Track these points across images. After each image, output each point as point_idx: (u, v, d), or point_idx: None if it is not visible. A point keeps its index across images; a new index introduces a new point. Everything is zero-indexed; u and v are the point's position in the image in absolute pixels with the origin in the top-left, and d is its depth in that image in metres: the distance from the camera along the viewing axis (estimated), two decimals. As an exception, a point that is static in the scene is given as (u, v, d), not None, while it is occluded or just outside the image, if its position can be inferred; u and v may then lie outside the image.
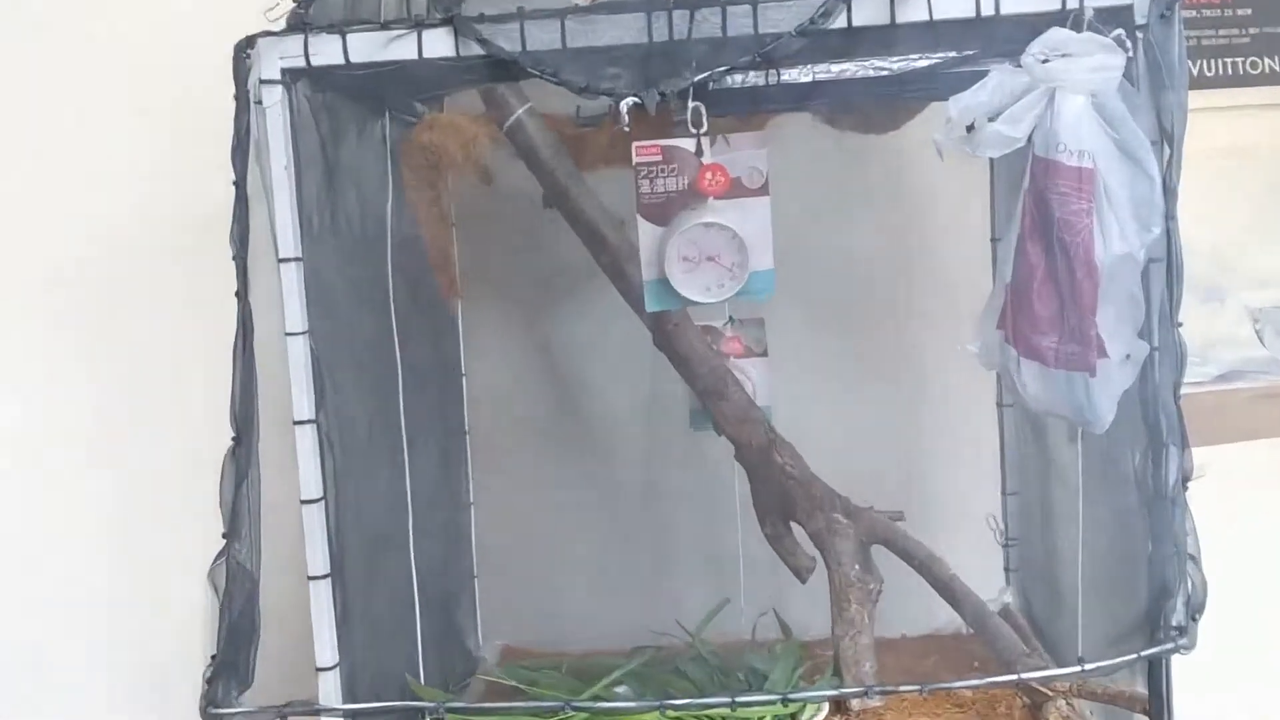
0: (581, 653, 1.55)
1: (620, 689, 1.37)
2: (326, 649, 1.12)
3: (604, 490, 1.70)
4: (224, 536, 1.11)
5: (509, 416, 1.69)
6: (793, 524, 1.45)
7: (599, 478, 1.70)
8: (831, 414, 1.65)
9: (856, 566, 1.37)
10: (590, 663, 1.47)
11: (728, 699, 1.12)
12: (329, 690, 1.12)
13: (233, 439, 1.11)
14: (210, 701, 1.07)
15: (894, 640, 1.55)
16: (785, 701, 1.13)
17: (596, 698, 1.31)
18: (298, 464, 1.11)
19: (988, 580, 1.57)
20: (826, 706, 1.29)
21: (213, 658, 1.09)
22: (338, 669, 1.13)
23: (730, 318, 1.44)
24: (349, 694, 1.15)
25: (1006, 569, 1.64)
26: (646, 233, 1.18)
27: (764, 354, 1.43)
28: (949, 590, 1.37)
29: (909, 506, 1.42)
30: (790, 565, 1.45)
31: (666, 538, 1.71)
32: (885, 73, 1.21)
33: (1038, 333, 1.12)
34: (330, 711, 1.10)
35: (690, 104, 1.06)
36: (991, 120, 1.06)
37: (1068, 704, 1.31)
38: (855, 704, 1.32)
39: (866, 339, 1.69)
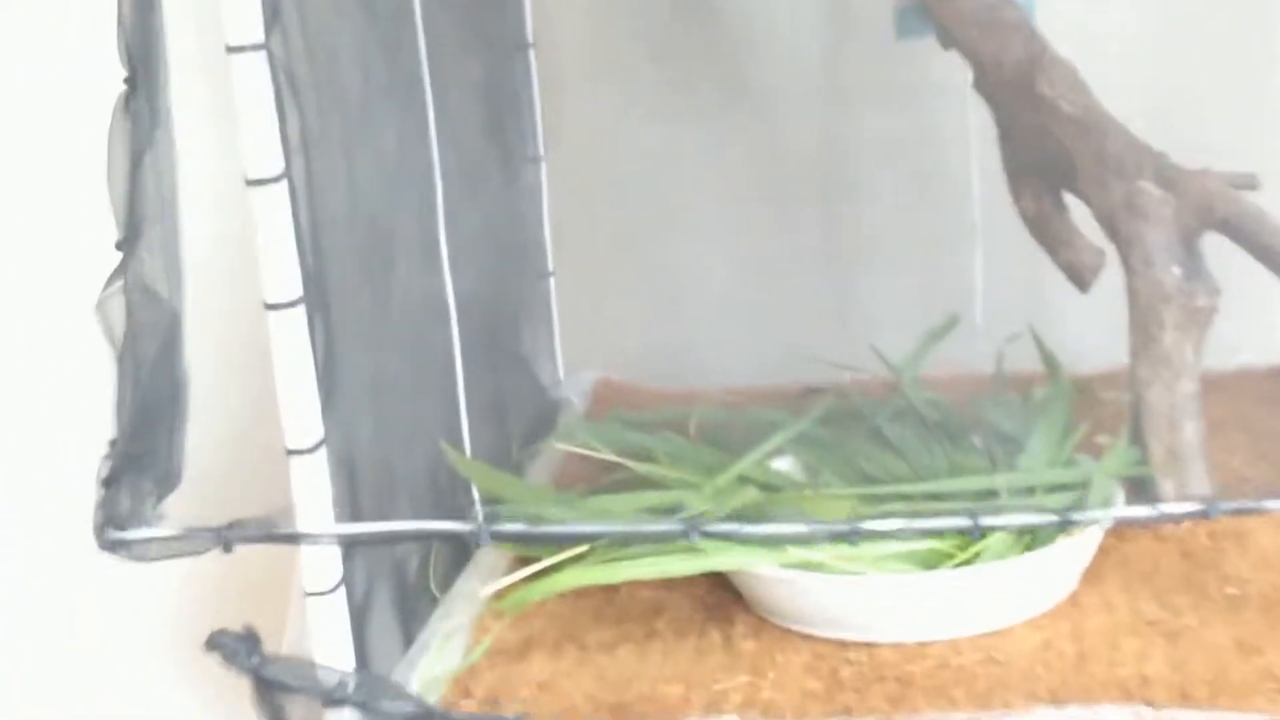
0: (716, 394, 1.56)
1: (780, 464, 1.35)
2: (301, 417, 1.03)
3: (751, 139, 1.70)
4: (118, 246, 1.03)
5: (596, 18, 1.71)
6: (1069, 197, 1.42)
7: (743, 120, 1.69)
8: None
9: (1176, 268, 1.30)
10: (731, 415, 1.46)
11: (967, 519, 1.01)
12: (308, 492, 1.04)
13: (125, 81, 1.02)
14: (109, 519, 1.00)
15: (1230, 378, 1.54)
16: (1066, 525, 1.07)
17: (743, 480, 1.26)
18: (238, 116, 1.00)
19: None
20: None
21: (110, 445, 1.03)
22: (323, 449, 1.05)
23: None
24: (344, 490, 1.08)
25: None
26: None
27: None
28: (1334, 303, 1.28)
29: (1273, 166, 1.33)
30: (1063, 263, 1.43)
31: (855, 215, 1.72)
32: None
33: None
34: (311, 538, 1.01)
35: None
36: None
37: None
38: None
39: None
